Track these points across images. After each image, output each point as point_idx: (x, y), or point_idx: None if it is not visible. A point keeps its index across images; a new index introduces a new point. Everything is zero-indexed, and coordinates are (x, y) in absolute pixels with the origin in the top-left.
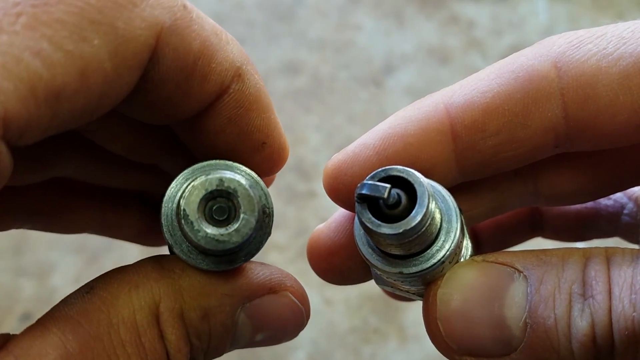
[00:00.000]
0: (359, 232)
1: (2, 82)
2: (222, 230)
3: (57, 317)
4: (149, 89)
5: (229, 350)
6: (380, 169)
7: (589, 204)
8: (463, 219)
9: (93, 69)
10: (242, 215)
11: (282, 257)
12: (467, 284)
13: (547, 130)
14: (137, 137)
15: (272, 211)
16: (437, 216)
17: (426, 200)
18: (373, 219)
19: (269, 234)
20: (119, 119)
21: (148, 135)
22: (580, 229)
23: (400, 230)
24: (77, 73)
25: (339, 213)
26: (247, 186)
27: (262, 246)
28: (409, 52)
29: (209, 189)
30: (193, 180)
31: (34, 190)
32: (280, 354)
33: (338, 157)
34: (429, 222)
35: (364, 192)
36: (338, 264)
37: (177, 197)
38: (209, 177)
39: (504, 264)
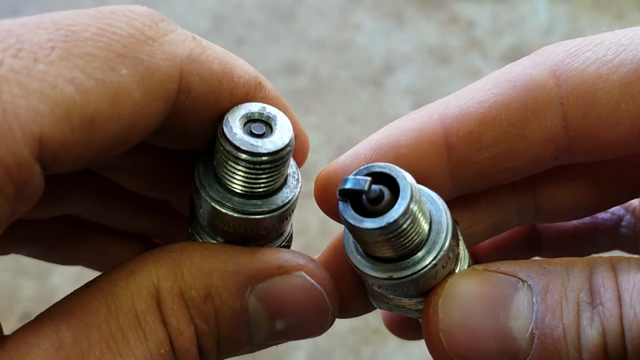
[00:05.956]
0: (347, 240)
1: (38, 105)
2: (258, 138)
3: (52, 312)
4: (184, 118)
5: (253, 344)
6: (362, 167)
7: (587, 220)
8: (459, 229)
9: (123, 97)
10: (276, 132)
11: None
12: (469, 294)
13: (546, 141)
14: (157, 170)
15: (295, 202)
16: (425, 215)
17: (409, 193)
18: (355, 214)
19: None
20: (142, 152)
21: (168, 166)
22: (578, 245)
23: (383, 224)
24: (109, 100)
25: (333, 242)
26: (284, 116)
27: (285, 230)
28: (409, 52)
29: (252, 111)
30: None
31: (39, 220)
32: (281, 354)
33: (329, 168)
34: (413, 216)
35: (345, 187)
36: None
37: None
38: (253, 103)
39: (507, 274)
